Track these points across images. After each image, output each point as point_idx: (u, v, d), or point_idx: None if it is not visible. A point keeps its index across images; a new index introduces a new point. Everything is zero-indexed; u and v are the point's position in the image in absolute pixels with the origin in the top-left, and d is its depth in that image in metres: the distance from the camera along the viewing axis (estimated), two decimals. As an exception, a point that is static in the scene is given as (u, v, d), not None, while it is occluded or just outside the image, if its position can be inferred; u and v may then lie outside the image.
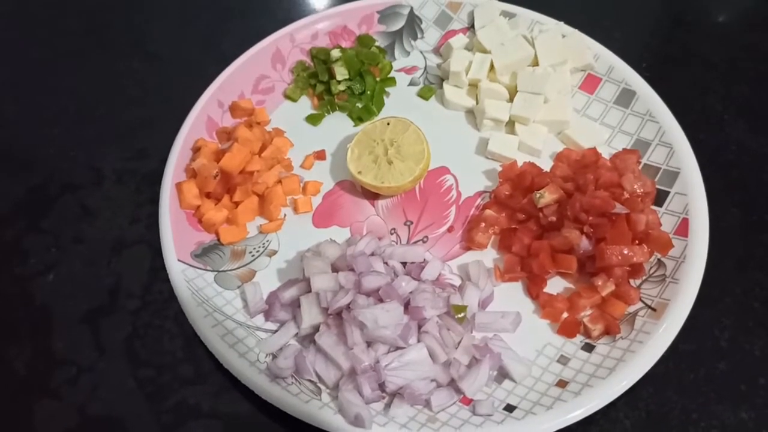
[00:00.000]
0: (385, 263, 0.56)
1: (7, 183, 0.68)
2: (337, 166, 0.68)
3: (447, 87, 0.72)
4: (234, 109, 0.70)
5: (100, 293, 0.60)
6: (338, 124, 0.72)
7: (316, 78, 0.73)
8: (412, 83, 0.74)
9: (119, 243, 0.63)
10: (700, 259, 0.55)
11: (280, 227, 0.63)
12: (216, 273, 0.60)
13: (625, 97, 0.68)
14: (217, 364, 0.53)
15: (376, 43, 0.76)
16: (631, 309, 0.55)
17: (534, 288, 0.57)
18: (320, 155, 0.68)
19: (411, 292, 0.54)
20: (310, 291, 0.55)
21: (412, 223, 0.63)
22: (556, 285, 0.58)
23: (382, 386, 0.50)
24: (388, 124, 0.65)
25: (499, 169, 0.64)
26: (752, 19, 0.81)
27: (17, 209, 0.66)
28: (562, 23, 0.73)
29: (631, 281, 0.56)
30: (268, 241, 0.62)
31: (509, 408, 0.50)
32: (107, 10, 0.85)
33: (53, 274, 0.61)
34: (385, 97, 0.73)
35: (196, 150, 0.66)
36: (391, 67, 0.75)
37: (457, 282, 0.58)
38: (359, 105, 0.72)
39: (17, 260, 0.63)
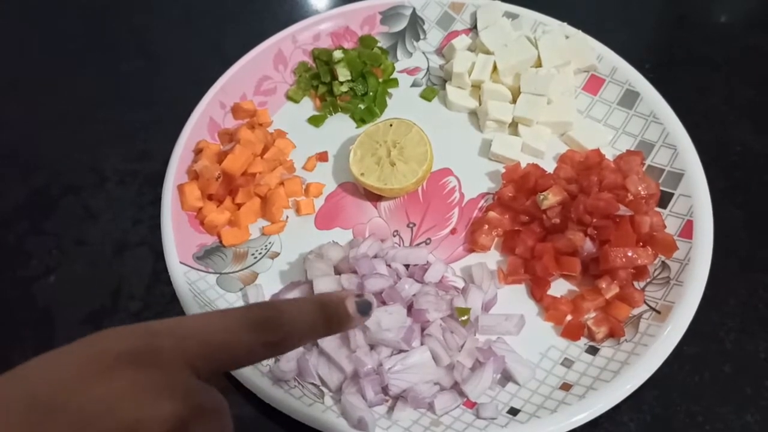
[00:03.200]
0: (388, 265, 0.56)
1: (8, 185, 0.68)
2: (340, 168, 0.68)
3: (450, 88, 0.71)
4: (236, 111, 0.70)
5: (102, 295, 0.60)
6: (340, 125, 0.71)
7: (318, 79, 0.73)
8: (414, 84, 0.74)
9: (121, 245, 0.63)
10: (705, 261, 0.55)
11: (282, 229, 0.63)
12: (218, 275, 0.59)
13: (629, 98, 0.67)
14: (219, 367, 0.53)
15: (379, 44, 0.76)
16: (636, 311, 0.55)
17: (537, 290, 0.57)
18: (322, 157, 0.68)
19: (414, 295, 0.54)
20: (312, 293, 0.54)
21: (414, 225, 0.63)
22: (559, 287, 0.58)
23: (385, 389, 0.50)
24: (391, 125, 0.65)
25: (503, 170, 0.64)
26: (755, 19, 0.81)
27: (19, 211, 0.66)
28: (565, 24, 0.72)
29: (636, 284, 0.56)
30: (270, 243, 0.62)
31: (513, 411, 0.50)
32: (109, 11, 0.85)
33: (55, 276, 0.61)
34: (387, 99, 0.73)
35: (198, 152, 0.66)
36: (394, 68, 0.75)
37: (461, 284, 0.58)
38: (361, 106, 0.72)
39: (19, 262, 0.62)
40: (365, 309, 0.36)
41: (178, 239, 0.60)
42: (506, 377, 0.53)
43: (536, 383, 0.52)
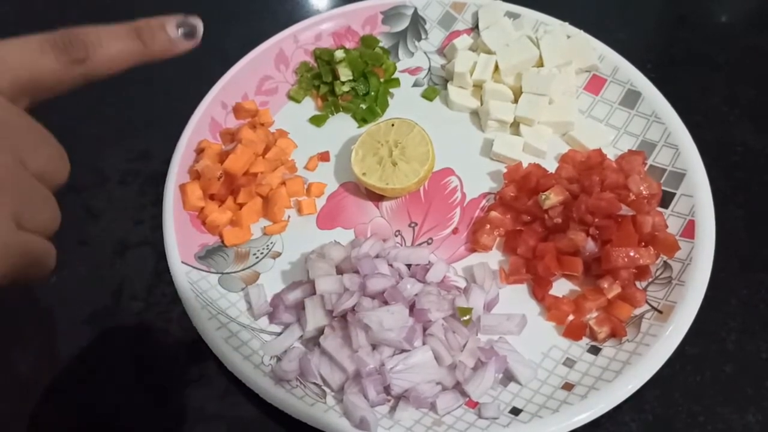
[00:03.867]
0: (390, 265, 0.56)
1: (10, 184, 0.68)
2: (341, 168, 0.68)
3: (451, 88, 0.72)
4: (237, 111, 0.70)
5: (104, 295, 0.60)
6: (342, 125, 0.71)
7: (319, 79, 0.73)
8: (416, 84, 0.74)
9: (123, 245, 0.63)
10: (707, 261, 0.55)
11: (284, 229, 0.63)
12: (220, 275, 0.59)
13: (631, 98, 0.67)
14: (220, 367, 0.53)
15: (380, 44, 0.76)
16: (638, 311, 0.55)
17: (539, 290, 0.57)
18: (324, 157, 0.68)
19: (416, 295, 0.54)
20: (314, 293, 0.54)
21: (416, 224, 0.63)
22: (561, 287, 0.58)
23: (387, 389, 0.50)
24: (393, 125, 0.65)
25: (504, 170, 0.64)
26: (755, 19, 0.81)
27: (20, 211, 0.66)
28: (567, 24, 0.72)
29: (637, 283, 0.56)
30: (272, 243, 0.62)
31: (515, 411, 0.50)
32: (110, 12, 0.85)
33: (56, 276, 0.61)
34: (389, 98, 0.73)
35: (200, 151, 0.66)
36: (395, 68, 0.75)
37: (462, 284, 0.58)
38: (363, 106, 0.72)
39: (20, 262, 0.62)
40: (190, 30, 0.38)
41: (179, 239, 0.60)
42: (508, 377, 0.53)
43: (538, 383, 0.52)
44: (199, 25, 0.39)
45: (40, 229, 0.32)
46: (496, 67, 0.70)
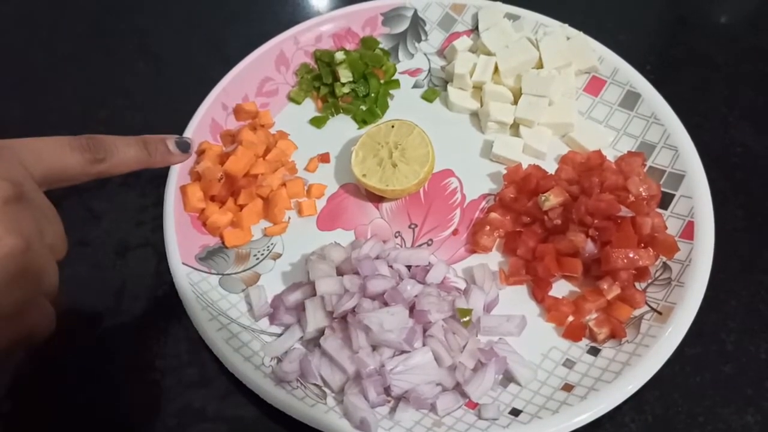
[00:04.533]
0: (390, 266, 0.56)
1: (11, 186, 0.68)
2: (342, 169, 0.68)
3: (451, 89, 0.72)
4: (238, 112, 0.70)
5: (105, 296, 0.60)
6: (342, 126, 0.71)
7: (320, 80, 0.73)
8: (416, 85, 0.74)
9: (124, 246, 0.63)
10: (706, 262, 0.55)
11: (284, 230, 0.63)
12: (220, 276, 0.59)
13: (630, 100, 0.68)
14: (221, 368, 0.53)
15: (380, 46, 0.76)
16: (637, 312, 0.55)
17: (539, 291, 0.57)
18: (324, 158, 0.68)
19: (416, 296, 0.54)
20: (314, 294, 0.55)
21: (416, 226, 0.63)
22: (561, 288, 0.58)
23: (387, 390, 0.50)
24: (393, 126, 0.65)
25: (504, 171, 0.64)
26: (756, 20, 0.81)
27: (21, 212, 0.66)
28: (566, 25, 0.73)
29: (637, 285, 0.56)
30: (272, 244, 0.62)
31: (515, 412, 0.50)
32: (111, 13, 0.85)
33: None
34: (389, 100, 0.73)
35: (201, 153, 0.66)
36: (395, 70, 0.75)
37: (462, 285, 0.58)
38: (363, 107, 0.72)
39: (22, 263, 0.62)
40: (184, 147, 0.51)
41: (180, 240, 0.60)
42: (508, 378, 0.53)
43: (538, 384, 0.52)
44: (192, 142, 0.51)
45: (48, 290, 0.38)
46: (496, 69, 0.70)
